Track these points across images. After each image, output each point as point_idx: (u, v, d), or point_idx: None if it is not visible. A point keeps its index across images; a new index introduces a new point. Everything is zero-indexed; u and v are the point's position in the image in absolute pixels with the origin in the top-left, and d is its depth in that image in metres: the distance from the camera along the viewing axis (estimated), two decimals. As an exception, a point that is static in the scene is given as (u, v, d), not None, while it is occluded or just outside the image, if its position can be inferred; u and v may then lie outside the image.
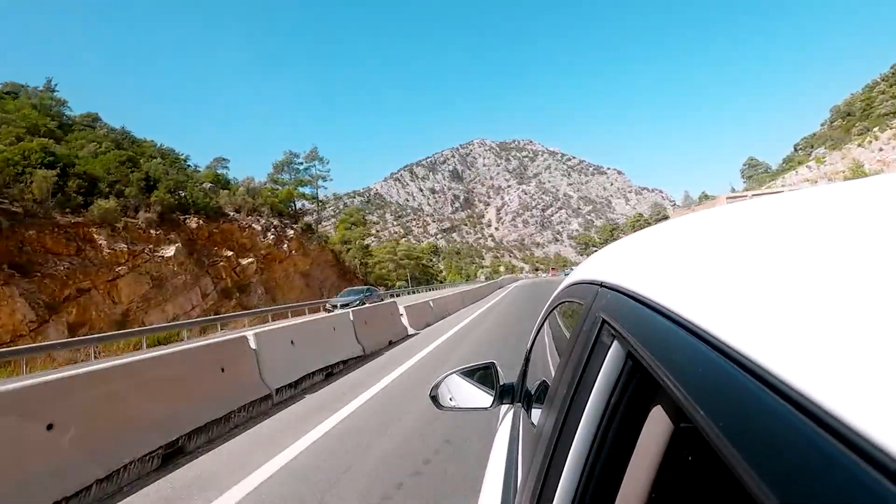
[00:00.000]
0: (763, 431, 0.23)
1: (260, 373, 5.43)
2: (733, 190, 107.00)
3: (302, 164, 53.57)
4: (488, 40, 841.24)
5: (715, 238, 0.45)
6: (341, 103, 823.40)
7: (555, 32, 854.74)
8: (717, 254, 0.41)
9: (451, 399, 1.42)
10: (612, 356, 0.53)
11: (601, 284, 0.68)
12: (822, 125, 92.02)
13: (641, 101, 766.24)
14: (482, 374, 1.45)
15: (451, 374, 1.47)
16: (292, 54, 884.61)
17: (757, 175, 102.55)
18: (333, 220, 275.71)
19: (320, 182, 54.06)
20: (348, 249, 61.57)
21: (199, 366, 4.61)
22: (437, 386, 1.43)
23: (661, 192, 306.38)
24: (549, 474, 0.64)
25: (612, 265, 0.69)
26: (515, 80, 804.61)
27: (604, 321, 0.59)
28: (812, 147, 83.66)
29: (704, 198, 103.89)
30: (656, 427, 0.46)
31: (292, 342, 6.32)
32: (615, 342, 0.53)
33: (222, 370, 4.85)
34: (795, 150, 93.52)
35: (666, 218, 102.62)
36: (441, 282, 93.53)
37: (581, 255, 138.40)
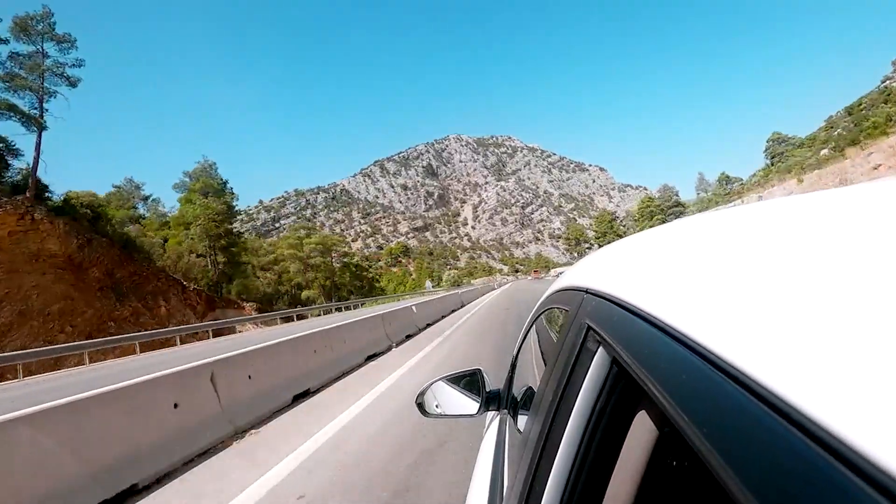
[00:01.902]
0: (745, 436, 0.23)
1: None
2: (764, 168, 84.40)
3: (7, 40, 23.51)
4: (466, 34, 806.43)
5: (699, 245, 0.45)
6: (306, 93, 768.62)
7: (535, 26, 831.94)
8: (701, 261, 0.41)
9: (437, 406, 1.40)
10: (598, 362, 0.53)
11: (586, 291, 0.67)
12: (883, 81, 70.79)
13: (625, 95, 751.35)
14: (468, 381, 1.43)
15: (438, 380, 1.45)
16: (255, 40, 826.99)
17: (788, 150, 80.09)
18: (293, 218, 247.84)
19: (53, 84, 24.98)
20: (188, 237, 34.40)
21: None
22: (423, 393, 1.41)
23: (645, 188, 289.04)
24: (536, 480, 0.63)
25: (598, 272, 0.68)
26: (494, 75, 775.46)
27: (589, 327, 0.58)
28: (887, 103, 60.81)
29: (725, 179, 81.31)
30: (641, 432, 0.45)
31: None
32: (600, 348, 0.53)
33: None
34: (849, 112, 70.43)
35: (679, 204, 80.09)
36: (383, 291, 67.34)
37: (569, 254, 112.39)
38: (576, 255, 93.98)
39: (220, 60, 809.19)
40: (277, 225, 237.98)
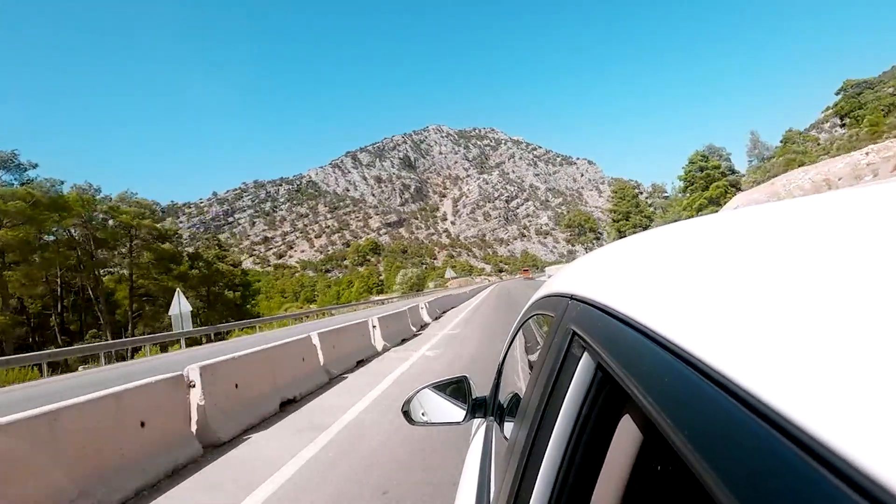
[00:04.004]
0: (727, 439, 0.23)
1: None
2: (841, 120, 59.86)
3: None
4: (448, 22, 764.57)
5: (682, 251, 0.45)
6: (273, 77, 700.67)
7: (518, 14, 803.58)
8: (684, 266, 0.41)
9: (423, 414, 1.40)
10: (583, 367, 0.53)
11: (571, 297, 0.67)
12: None
13: (613, 85, 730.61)
14: (454, 388, 1.42)
15: (424, 388, 1.44)
16: (213, 15, 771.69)
17: (883, 97, 55.01)
18: (250, 211, 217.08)
19: None
20: None
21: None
22: (409, 401, 1.41)
23: (637, 182, 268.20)
24: (522, 487, 0.62)
25: (583, 277, 0.68)
26: (477, 65, 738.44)
27: (574, 333, 0.58)
28: None
29: (796, 137, 56.41)
30: (625, 436, 0.45)
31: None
32: (585, 353, 0.53)
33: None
34: None
35: (731, 171, 55.26)
36: (250, 310, 36.02)
37: (569, 246, 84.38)
38: (579, 247, 66.91)
39: (170, 34, 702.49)
40: (231, 219, 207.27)
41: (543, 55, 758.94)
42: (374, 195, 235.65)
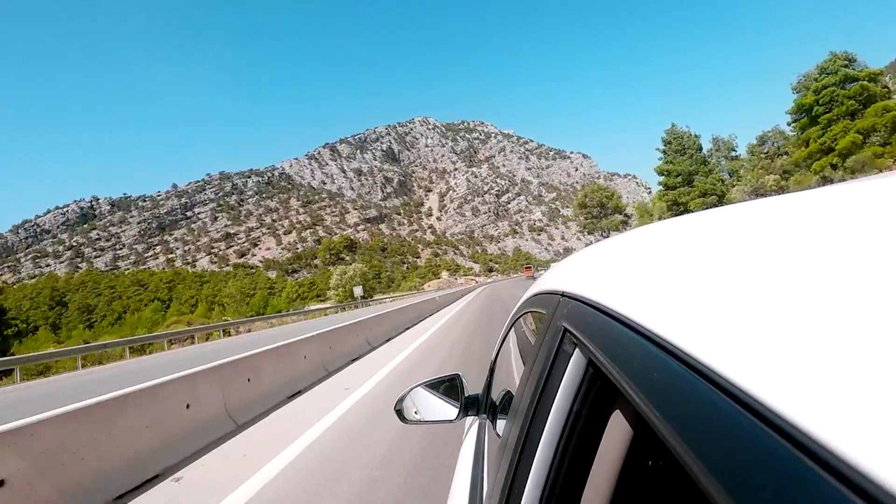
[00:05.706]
0: (716, 433, 0.23)
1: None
2: None
3: None
4: (439, 14, 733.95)
5: (672, 248, 0.45)
6: (249, 64, 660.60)
7: (511, 7, 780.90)
8: (673, 263, 0.41)
9: (415, 412, 1.39)
10: (574, 364, 0.53)
11: (563, 294, 0.67)
12: None
13: (608, 79, 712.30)
14: (447, 386, 1.42)
15: (416, 386, 1.43)
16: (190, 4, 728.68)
17: None
18: (212, 205, 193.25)
19: None
20: None
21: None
22: (402, 399, 1.40)
23: (634, 177, 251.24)
24: (515, 483, 0.62)
25: (574, 275, 0.68)
26: (466, 59, 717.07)
27: (566, 330, 0.58)
28: None
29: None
30: (616, 432, 0.45)
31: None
32: (577, 350, 0.53)
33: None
34: None
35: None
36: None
37: (585, 232, 61.70)
38: (598, 234, 46.42)
39: (131, 15, 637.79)
40: (189, 214, 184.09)
41: (536, 48, 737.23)
42: (353, 189, 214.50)
